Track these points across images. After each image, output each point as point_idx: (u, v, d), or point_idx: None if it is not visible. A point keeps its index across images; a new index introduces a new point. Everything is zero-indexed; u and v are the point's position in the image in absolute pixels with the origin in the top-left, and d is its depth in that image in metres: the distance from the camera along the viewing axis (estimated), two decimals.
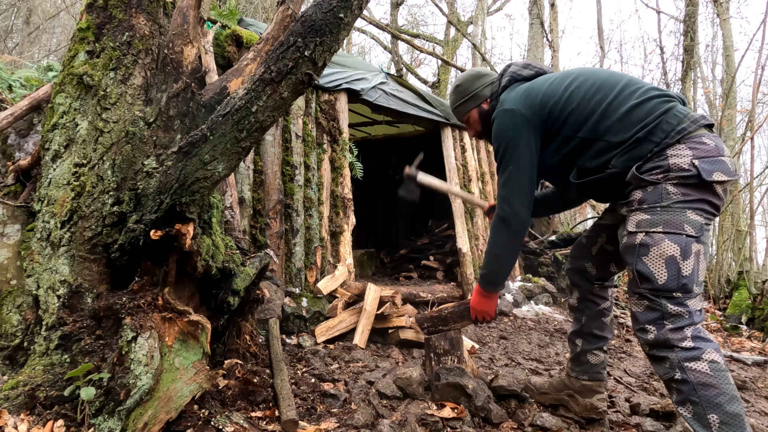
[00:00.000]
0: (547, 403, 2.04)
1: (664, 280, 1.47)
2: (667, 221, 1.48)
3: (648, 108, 1.56)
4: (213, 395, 1.70)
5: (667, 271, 1.47)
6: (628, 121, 1.57)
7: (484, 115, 1.96)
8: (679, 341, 1.45)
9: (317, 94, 3.73)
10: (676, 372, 1.44)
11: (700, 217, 1.48)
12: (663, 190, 1.50)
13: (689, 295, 1.47)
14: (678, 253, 1.46)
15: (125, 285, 1.65)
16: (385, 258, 6.33)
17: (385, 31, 8.48)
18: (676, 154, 1.50)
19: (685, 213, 1.47)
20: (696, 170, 1.46)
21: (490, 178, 5.46)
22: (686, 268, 1.46)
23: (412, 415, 1.79)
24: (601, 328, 1.92)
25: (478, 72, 2.01)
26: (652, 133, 1.53)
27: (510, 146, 1.73)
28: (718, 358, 1.42)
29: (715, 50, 12.55)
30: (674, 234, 1.47)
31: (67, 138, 1.73)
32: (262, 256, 2.02)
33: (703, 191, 1.48)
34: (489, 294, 1.90)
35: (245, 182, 3.12)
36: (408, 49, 15.13)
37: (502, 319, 4.18)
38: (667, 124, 1.53)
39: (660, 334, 1.48)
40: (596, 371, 1.91)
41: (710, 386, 1.39)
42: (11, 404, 1.44)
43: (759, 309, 4.65)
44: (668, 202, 1.49)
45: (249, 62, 1.96)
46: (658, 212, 1.50)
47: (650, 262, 1.49)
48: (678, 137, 1.51)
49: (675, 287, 1.46)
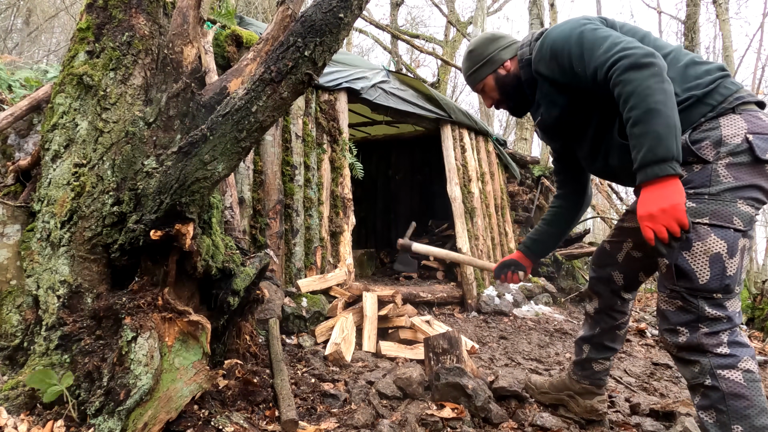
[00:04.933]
0: (547, 403, 2.04)
1: (706, 280, 1.32)
2: (714, 212, 1.32)
3: (706, 68, 1.42)
4: (213, 395, 1.70)
5: (710, 269, 1.31)
6: (686, 74, 1.41)
7: (503, 81, 1.77)
8: (714, 347, 1.32)
9: (317, 94, 3.74)
10: (707, 378, 1.33)
11: (750, 208, 1.32)
12: (713, 172, 1.33)
13: (730, 296, 1.33)
14: (725, 250, 1.30)
15: (125, 285, 1.65)
16: (385, 258, 6.33)
17: (385, 31, 8.49)
18: (731, 124, 1.34)
19: (736, 204, 1.31)
20: (749, 146, 1.31)
21: (490, 178, 5.46)
22: (731, 267, 1.31)
23: (412, 415, 1.79)
24: (613, 340, 1.85)
25: (493, 34, 1.81)
26: (709, 95, 1.37)
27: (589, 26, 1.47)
28: (753, 366, 1.31)
29: (716, 51, 12.55)
30: (722, 228, 1.31)
31: (67, 138, 1.73)
32: (262, 256, 2.02)
33: (756, 174, 1.32)
34: (666, 179, 1.26)
35: (245, 182, 3.12)
36: (408, 50, 15.14)
37: (501, 319, 4.18)
38: (725, 88, 1.38)
39: (693, 337, 1.34)
40: (599, 377, 1.90)
41: (742, 397, 1.28)
42: (11, 404, 1.44)
43: (759, 309, 4.66)
44: (718, 189, 1.32)
45: (249, 62, 1.96)
46: (705, 200, 1.33)
47: (692, 259, 1.33)
48: (735, 104, 1.36)
49: (717, 288, 1.32)
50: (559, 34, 1.54)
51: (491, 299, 4.38)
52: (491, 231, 5.24)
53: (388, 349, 2.72)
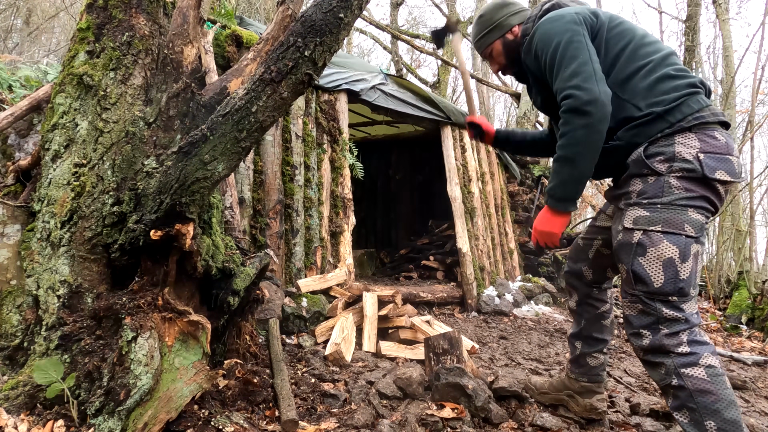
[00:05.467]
0: (547, 403, 2.04)
1: (660, 284, 1.41)
2: (666, 220, 1.42)
3: (676, 84, 1.49)
4: (213, 395, 1.70)
5: (664, 274, 1.41)
6: (654, 89, 1.49)
7: (510, 46, 1.81)
8: (675, 347, 1.40)
9: (317, 94, 3.74)
10: (673, 378, 1.40)
11: (701, 216, 1.42)
12: (665, 184, 1.43)
13: (686, 299, 1.42)
14: (677, 256, 1.40)
15: (125, 285, 1.65)
16: (385, 258, 6.33)
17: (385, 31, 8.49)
18: (684, 142, 1.43)
19: (687, 212, 1.41)
20: (699, 165, 1.40)
21: (490, 178, 5.46)
22: (684, 271, 1.40)
23: (412, 415, 1.79)
24: (600, 331, 1.90)
25: (504, 1, 1.85)
26: (669, 112, 1.46)
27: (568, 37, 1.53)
28: (715, 362, 1.38)
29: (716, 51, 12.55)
30: (674, 234, 1.41)
31: (67, 138, 1.73)
32: (262, 256, 2.02)
33: (705, 188, 1.42)
34: (558, 213, 1.56)
35: (245, 182, 3.12)
36: (408, 50, 15.13)
37: (502, 319, 4.18)
38: (688, 107, 1.46)
39: (655, 339, 1.42)
40: (596, 373, 1.91)
41: (708, 392, 1.35)
42: (11, 404, 1.44)
43: (759, 309, 4.66)
44: (669, 198, 1.42)
45: (249, 62, 1.96)
46: (658, 209, 1.43)
47: (647, 264, 1.43)
48: (693, 123, 1.44)
49: (671, 291, 1.41)
50: (543, 33, 1.60)
51: (491, 299, 4.38)
52: (491, 231, 5.24)
53: (388, 349, 2.72)
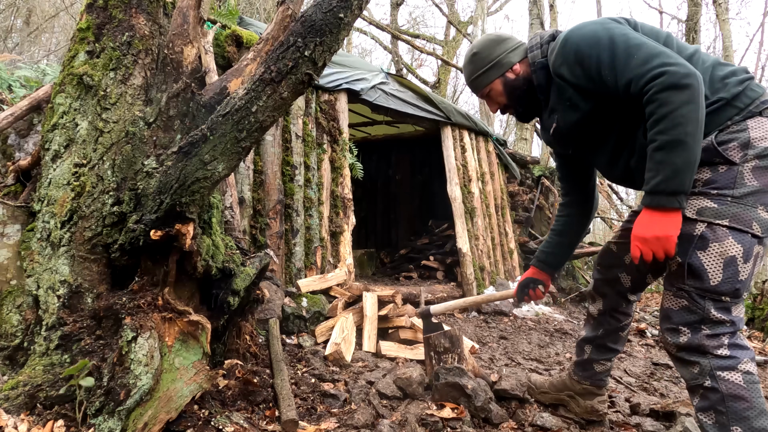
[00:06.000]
0: (547, 402, 2.04)
1: (717, 282, 1.31)
2: (735, 215, 1.30)
3: (732, 69, 1.40)
4: (213, 395, 1.70)
5: (723, 272, 1.30)
6: (713, 76, 1.39)
7: (512, 85, 1.68)
8: (715, 348, 1.32)
9: (317, 94, 3.74)
10: (707, 379, 1.32)
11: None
12: (738, 174, 1.31)
13: (738, 301, 1.33)
14: (740, 255, 1.30)
15: (125, 285, 1.65)
16: (385, 258, 6.33)
17: (385, 31, 8.49)
18: (759, 126, 1.32)
19: (757, 209, 1.30)
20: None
21: (490, 178, 5.46)
22: (744, 272, 1.31)
23: (412, 415, 1.79)
24: (615, 342, 1.84)
25: (498, 36, 1.71)
26: (737, 97, 1.35)
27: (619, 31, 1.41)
28: (753, 368, 1.31)
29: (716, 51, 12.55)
30: (740, 232, 1.30)
31: (67, 138, 1.73)
32: (262, 256, 2.02)
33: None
34: (670, 211, 1.31)
35: (245, 182, 3.12)
36: (408, 50, 15.14)
37: (502, 319, 4.18)
38: (752, 91, 1.36)
39: (694, 338, 1.34)
40: (600, 378, 1.89)
41: (741, 399, 1.28)
42: (11, 404, 1.44)
43: (759, 309, 4.66)
44: (741, 192, 1.30)
45: (249, 62, 1.96)
46: (727, 202, 1.31)
47: (707, 259, 1.31)
48: (763, 108, 1.34)
49: (727, 291, 1.31)
50: (584, 36, 1.46)
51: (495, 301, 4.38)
52: (491, 231, 5.24)
53: (388, 349, 2.72)
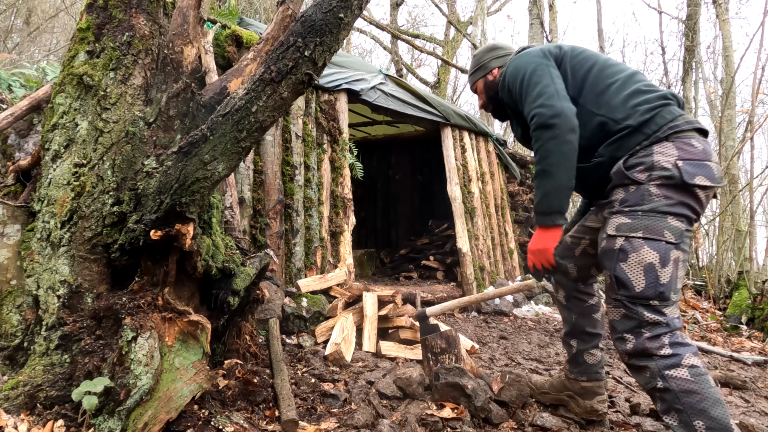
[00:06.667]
0: (547, 403, 2.04)
1: (641, 288, 1.46)
2: (647, 227, 1.47)
3: (647, 98, 1.57)
4: (213, 395, 1.70)
5: (645, 278, 1.45)
6: (626, 104, 1.57)
7: (489, 86, 2.00)
8: (658, 349, 1.43)
9: (317, 94, 3.74)
10: (658, 381, 1.42)
11: (681, 224, 1.47)
12: (645, 192, 1.49)
13: (666, 303, 1.45)
14: (657, 261, 1.45)
15: (125, 285, 1.65)
16: (385, 258, 6.33)
17: (385, 31, 8.49)
18: (662, 151, 1.50)
19: (666, 219, 1.46)
20: (678, 171, 1.46)
21: (490, 178, 5.46)
22: (664, 276, 1.45)
23: (412, 415, 1.79)
24: (593, 326, 1.92)
25: (493, 45, 2.06)
26: (645, 124, 1.53)
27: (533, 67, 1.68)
28: (697, 362, 1.41)
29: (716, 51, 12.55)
30: (654, 240, 1.46)
31: (67, 138, 1.73)
32: (262, 256, 2.02)
33: (685, 194, 1.47)
34: (547, 228, 1.60)
35: (245, 182, 3.12)
36: (408, 50, 15.14)
37: (502, 319, 4.18)
38: (662, 118, 1.53)
39: (638, 342, 1.46)
40: (594, 371, 1.91)
41: (693, 392, 1.37)
42: (11, 404, 1.44)
43: (759, 309, 4.66)
44: (650, 206, 1.47)
45: (249, 62, 1.96)
46: (639, 216, 1.49)
47: (628, 269, 1.48)
48: (669, 133, 1.51)
49: (652, 295, 1.45)
50: (514, 67, 1.76)
51: (491, 299, 4.38)
52: (491, 231, 5.24)
53: (388, 349, 2.72)
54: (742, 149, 6.49)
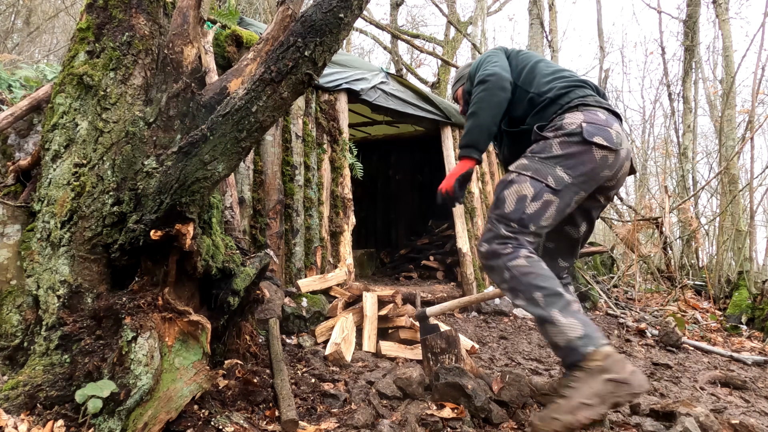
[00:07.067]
0: (547, 404, 2.04)
1: (509, 210, 1.76)
2: (537, 169, 1.76)
3: (566, 79, 1.91)
4: (213, 395, 1.70)
5: (515, 204, 1.76)
6: (548, 83, 1.91)
7: (466, 92, 2.22)
8: (503, 250, 1.74)
9: (317, 94, 3.73)
10: (505, 272, 1.71)
11: (566, 176, 1.73)
12: (548, 145, 1.78)
13: (523, 230, 1.75)
14: (530, 195, 1.74)
15: (125, 285, 1.65)
16: (385, 258, 6.33)
17: (385, 31, 8.49)
18: (571, 116, 1.78)
19: (555, 168, 1.74)
20: (581, 129, 1.73)
21: (490, 178, 5.46)
22: (530, 208, 1.74)
23: (412, 415, 1.79)
24: None
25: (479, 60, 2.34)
26: (560, 97, 1.85)
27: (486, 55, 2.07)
28: (532, 254, 1.72)
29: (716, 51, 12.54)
30: (537, 180, 1.74)
31: (67, 138, 1.73)
32: (262, 256, 2.02)
33: (583, 152, 1.73)
34: (462, 159, 1.96)
35: (245, 182, 3.11)
36: (408, 50, 15.13)
37: (502, 319, 4.18)
38: (574, 93, 1.85)
39: (490, 247, 1.77)
40: None
41: (528, 273, 1.67)
42: (11, 404, 1.44)
43: (759, 309, 4.65)
44: (546, 155, 1.76)
45: (249, 62, 1.96)
46: (534, 161, 1.78)
47: (508, 194, 1.78)
48: (578, 103, 1.81)
49: (515, 219, 1.75)
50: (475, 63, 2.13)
51: (491, 299, 4.38)
52: None
53: (388, 349, 2.72)
54: (742, 149, 6.49)
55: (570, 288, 2.09)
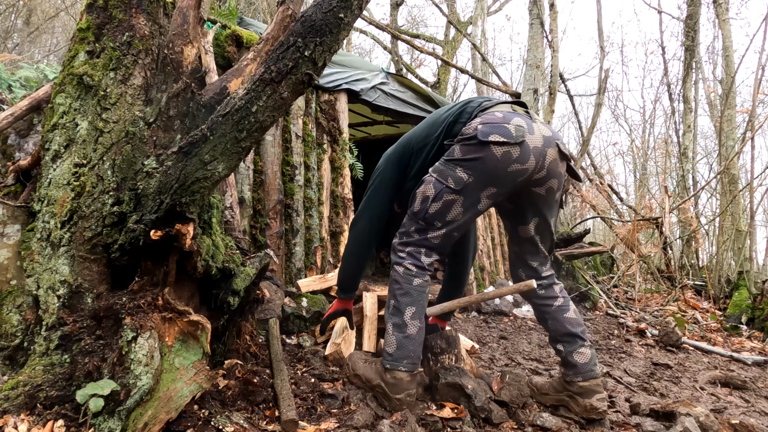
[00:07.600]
0: (547, 404, 2.04)
1: (416, 209, 1.92)
2: (440, 171, 1.89)
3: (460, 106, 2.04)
4: (213, 395, 1.70)
5: (420, 203, 1.91)
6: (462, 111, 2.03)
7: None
8: (399, 251, 1.97)
9: (317, 94, 3.73)
10: (393, 272, 1.94)
11: (466, 176, 1.82)
12: (452, 150, 1.89)
13: (429, 227, 1.90)
14: (432, 195, 1.87)
15: (125, 285, 1.65)
16: (385, 258, 6.32)
17: (385, 31, 8.49)
18: (470, 124, 1.88)
19: (455, 170, 1.85)
20: (476, 132, 1.81)
21: None
22: (432, 208, 1.88)
23: (412, 415, 1.79)
24: (570, 325, 1.97)
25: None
26: (460, 115, 1.98)
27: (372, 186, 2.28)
28: (412, 269, 1.90)
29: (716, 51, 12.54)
30: (438, 182, 1.87)
31: (67, 138, 1.73)
32: (262, 256, 2.02)
33: (482, 152, 1.80)
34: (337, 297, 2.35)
35: (245, 182, 3.11)
36: (408, 50, 15.14)
37: (502, 319, 4.18)
38: (470, 107, 1.98)
39: (396, 242, 1.99)
40: (588, 369, 1.91)
41: (397, 283, 1.91)
42: (11, 404, 1.44)
43: (759, 309, 4.65)
44: (448, 158, 1.88)
45: (249, 62, 1.95)
46: (442, 164, 1.90)
47: (418, 194, 1.93)
48: (479, 112, 1.92)
49: (420, 217, 1.91)
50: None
51: (491, 299, 4.38)
52: (491, 231, 5.24)
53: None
54: (742, 149, 6.49)
55: (555, 288, 2.05)
